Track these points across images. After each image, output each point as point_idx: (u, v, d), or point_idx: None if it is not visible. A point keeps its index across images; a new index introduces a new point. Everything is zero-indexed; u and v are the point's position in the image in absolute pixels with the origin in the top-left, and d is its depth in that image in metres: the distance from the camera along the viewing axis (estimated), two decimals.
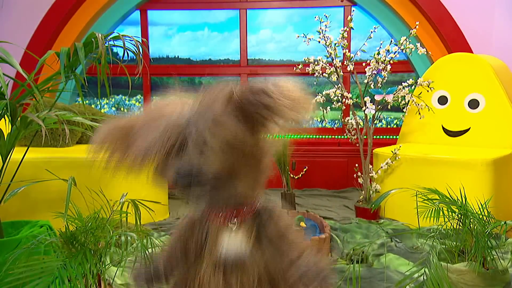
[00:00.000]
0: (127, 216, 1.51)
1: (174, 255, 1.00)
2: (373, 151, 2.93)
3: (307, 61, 2.88)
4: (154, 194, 2.62)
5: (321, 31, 2.81)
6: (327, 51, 2.83)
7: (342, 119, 3.06)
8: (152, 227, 2.53)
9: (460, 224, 1.60)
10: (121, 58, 1.69)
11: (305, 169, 3.71)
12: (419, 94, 2.82)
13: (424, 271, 1.49)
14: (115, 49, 1.87)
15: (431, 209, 1.58)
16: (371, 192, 2.82)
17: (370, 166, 2.86)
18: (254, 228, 0.95)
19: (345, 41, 2.84)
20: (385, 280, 1.81)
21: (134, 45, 1.67)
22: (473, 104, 2.87)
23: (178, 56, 4.07)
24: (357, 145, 2.93)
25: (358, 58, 2.87)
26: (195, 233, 0.97)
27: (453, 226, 1.62)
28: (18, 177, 1.72)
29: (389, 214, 2.77)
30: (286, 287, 0.95)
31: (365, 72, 2.83)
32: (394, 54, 2.76)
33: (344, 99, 2.86)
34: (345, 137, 3.09)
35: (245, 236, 0.94)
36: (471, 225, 1.56)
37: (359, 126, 2.90)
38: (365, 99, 2.79)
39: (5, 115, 1.59)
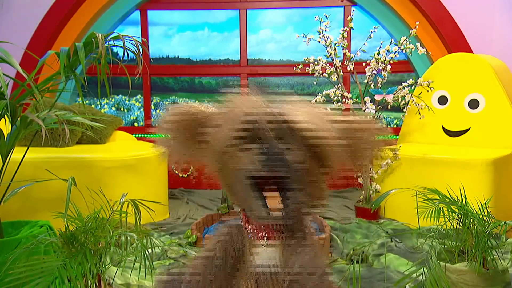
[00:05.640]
0: (127, 216, 1.51)
1: (211, 262, 0.96)
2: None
3: (307, 61, 2.88)
4: (154, 194, 2.63)
5: (321, 31, 2.81)
6: (327, 51, 2.83)
7: None
8: (152, 227, 2.53)
9: (460, 224, 1.60)
10: (121, 58, 1.69)
11: None
12: (419, 94, 2.82)
13: (423, 271, 1.49)
14: (115, 49, 1.87)
15: (431, 209, 1.58)
16: (371, 192, 2.82)
17: (370, 166, 2.86)
18: (288, 243, 0.94)
19: (345, 41, 2.84)
20: (385, 280, 1.81)
21: (134, 45, 1.67)
22: (473, 104, 2.87)
23: (178, 56, 4.07)
24: None
25: (358, 58, 2.87)
26: (234, 240, 0.96)
27: (453, 226, 1.62)
28: (18, 177, 1.72)
29: (389, 214, 2.77)
30: None
31: (365, 72, 2.83)
32: (394, 54, 2.76)
33: (344, 99, 2.86)
34: None
35: (279, 251, 0.93)
36: (471, 225, 1.56)
37: None
38: (365, 99, 2.79)
39: (5, 115, 1.59)
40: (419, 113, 2.80)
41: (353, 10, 3.81)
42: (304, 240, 0.96)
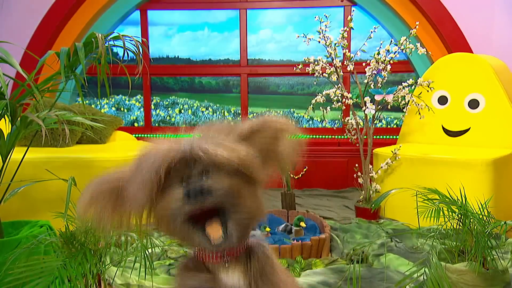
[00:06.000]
0: None
1: None
2: (373, 151, 2.93)
3: (307, 61, 2.88)
4: None
5: (321, 31, 2.81)
6: (327, 51, 2.83)
7: (342, 119, 3.06)
8: (152, 227, 2.53)
9: (460, 224, 1.60)
10: (121, 58, 1.69)
11: (305, 169, 3.71)
12: (419, 94, 2.82)
13: (424, 271, 1.49)
14: (115, 49, 1.87)
15: (431, 209, 1.58)
16: (371, 192, 2.82)
17: (370, 166, 2.86)
18: (249, 265, 0.95)
19: (345, 41, 2.84)
20: (385, 280, 1.81)
21: (134, 45, 1.67)
22: (473, 104, 2.87)
23: (178, 56, 4.07)
24: (357, 145, 2.93)
25: (358, 58, 2.87)
26: (197, 278, 0.96)
27: (453, 226, 1.62)
28: (18, 177, 1.71)
29: (389, 214, 2.77)
30: None
31: (365, 72, 2.83)
32: (394, 54, 2.76)
33: (344, 99, 2.86)
34: (345, 137, 3.09)
35: (241, 273, 0.94)
36: (471, 225, 1.56)
37: (359, 126, 2.90)
38: (365, 99, 2.79)
39: (5, 115, 1.59)
40: (419, 113, 2.80)
41: (353, 10, 3.81)
42: (260, 251, 0.97)
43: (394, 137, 3.52)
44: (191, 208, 0.84)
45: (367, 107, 2.76)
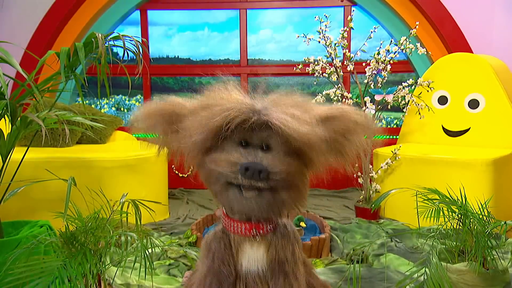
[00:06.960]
0: (127, 216, 1.51)
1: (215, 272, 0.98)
2: (373, 151, 2.92)
3: (307, 61, 2.88)
4: (154, 194, 2.63)
5: (321, 31, 2.81)
6: (327, 51, 2.83)
7: None
8: (152, 227, 2.53)
9: (460, 224, 1.60)
10: (121, 58, 1.69)
11: None
12: (419, 94, 2.82)
13: (425, 271, 1.49)
14: (115, 49, 1.87)
15: (431, 209, 1.58)
16: (371, 192, 2.81)
17: (370, 166, 2.86)
18: (273, 244, 0.96)
19: (345, 41, 2.84)
20: (385, 280, 1.81)
21: (134, 45, 1.67)
22: (473, 104, 2.87)
23: (178, 56, 4.07)
24: None
25: (358, 58, 2.87)
26: (222, 244, 0.98)
27: (453, 226, 1.62)
28: (18, 177, 1.71)
29: (389, 214, 2.77)
30: None
31: (365, 72, 2.83)
32: (394, 54, 2.76)
33: (344, 99, 2.86)
34: None
35: (265, 251, 0.95)
36: (471, 225, 1.56)
37: None
38: (365, 99, 2.79)
39: (5, 115, 1.59)
40: (419, 113, 2.80)
41: (353, 10, 3.81)
42: (287, 236, 0.98)
43: (394, 137, 3.52)
44: (242, 182, 0.83)
45: (367, 107, 2.76)
